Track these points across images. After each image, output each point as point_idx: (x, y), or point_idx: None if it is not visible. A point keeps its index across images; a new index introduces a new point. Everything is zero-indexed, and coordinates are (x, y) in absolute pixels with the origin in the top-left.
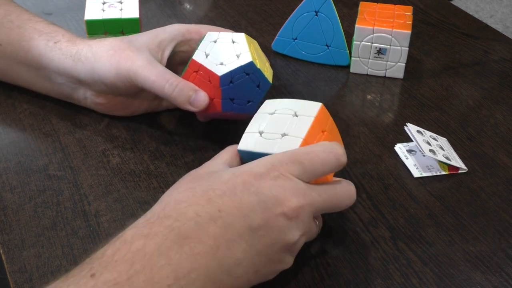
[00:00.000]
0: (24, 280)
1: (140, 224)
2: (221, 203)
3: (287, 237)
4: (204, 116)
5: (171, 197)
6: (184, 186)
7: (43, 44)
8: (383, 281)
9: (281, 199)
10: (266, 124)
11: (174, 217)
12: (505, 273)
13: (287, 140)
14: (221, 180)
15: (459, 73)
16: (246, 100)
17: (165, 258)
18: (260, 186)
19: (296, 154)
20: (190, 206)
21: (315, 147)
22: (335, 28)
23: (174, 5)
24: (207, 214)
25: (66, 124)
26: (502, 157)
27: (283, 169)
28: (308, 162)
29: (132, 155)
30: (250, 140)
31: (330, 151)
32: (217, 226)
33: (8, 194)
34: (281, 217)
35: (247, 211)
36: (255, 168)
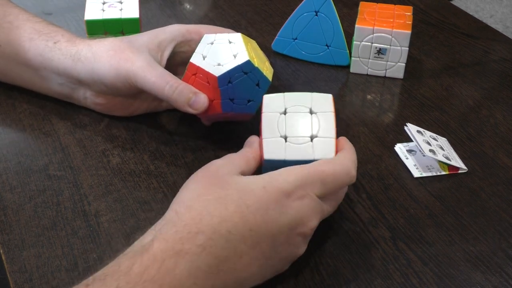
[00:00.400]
0: (24, 280)
1: (170, 237)
2: (253, 222)
3: (298, 252)
4: (207, 118)
5: (201, 205)
6: (210, 193)
7: (42, 44)
8: (383, 281)
9: (305, 221)
10: (285, 127)
11: (207, 235)
12: (505, 273)
13: (321, 143)
14: (252, 195)
15: (459, 73)
16: (246, 99)
17: (193, 278)
18: (289, 206)
19: (324, 175)
20: (223, 222)
21: (337, 167)
22: (335, 28)
23: (174, 5)
24: (239, 233)
25: (66, 124)
26: (502, 157)
27: (309, 188)
28: (331, 184)
29: (132, 155)
30: (276, 147)
31: (347, 173)
32: (246, 245)
33: (8, 194)
34: (300, 236)
35: (275, 231)
36: (285, 185)
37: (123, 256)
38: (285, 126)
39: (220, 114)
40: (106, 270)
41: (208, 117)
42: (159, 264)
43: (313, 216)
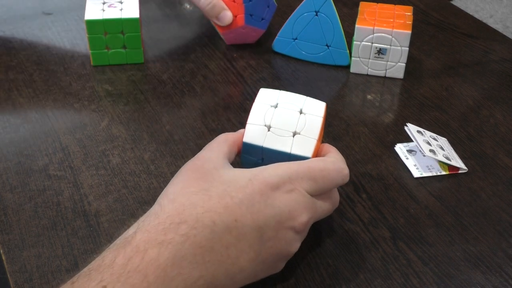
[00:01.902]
0: (24, 280)
1: (153, 228)
2: (238, 213)
3: (291, 248)
4: (229, 36)
5: (184, 197)
6: (194, 185)
7: None
8: (383, 281)
9: (294, 214)
10: (271, 118)
11: (190, 225)
12: (505, 273)
13: (301, 140)
14: (238, 186)
15: (459, 73)
16: (260, 17)
17: (178, 268)
18: (276, 199)
19: (312, 171)
20: (206, 212)
21: (328, 165)
22: (335, 28)
23: (174, 5)
24: (224, 223)
25: (66, 124)
26: (502, 157)
27: (298, 184)
28: (321, 181)
29: (132, 155)
30: (257, 133)
31: (339, 171)
32: (232, 236)
33: (8, 194)
34: (290, 231)
35: (261, 223)
36: (272, 178)
37: (107, 250)
38: (272, 117)
39: (240, 29)
40: (91, 265)
41: (230, 32)
42: (142, 254)
43: (303, 211)
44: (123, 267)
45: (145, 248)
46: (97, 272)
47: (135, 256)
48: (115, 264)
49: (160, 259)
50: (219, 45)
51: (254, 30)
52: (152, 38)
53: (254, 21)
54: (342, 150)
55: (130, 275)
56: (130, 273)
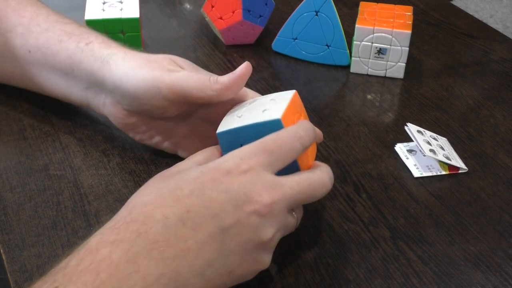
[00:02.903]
0: (24, 280)
1: (106, 230)
2: (189, 203)
3: (260, 235)
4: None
5: (138, 199)
6: (151, 187)
7: (73, 46)
8: (383, 281)
9: (251, 196)
10: (244, 109)
11: (141, 221)
12: (505, 273)
13: (268, 113)
14: (189, 178)
15: (459, 73)
16: (258, 14)
17: (133, 265)
18: (229, 183)
19: (264, 143)
20: (157, 208)
21: (281, 132)
22: (335, 28)
23: (174, 5)
24: (175, 215)
25: (66, 124)
26: (502, 157)
27: (252, 161)
28: (277, 150)
29: (132, 155)
30: (229, 121)
31: (294, 136)
32: (186, 228)
33: (8, 194)
34: (253, 215)
35: (217, 210)
36: (223, 163)
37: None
38: (244, 109)
39: (238, 26)
40: (48, 272)
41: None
42: (94, 254)
43: (262, 191)
44: (75, 267)
45: (97, 248)
46: (50, 275)
47: (87, 256)
48: (68, 265)
49: (112, 256)
50: (219, 45)
51: (252, 27)
52: (152, 38)
53: (251, 17)
54: (342, 150)
55: (82, 274)
56: (82, 272)
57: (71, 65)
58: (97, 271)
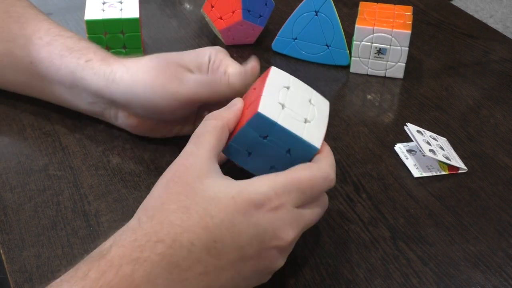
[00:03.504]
0: (24, 280)
1: (129, 244)
2: (217, 234)
3: (274, 265)
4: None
5: (163, 213)
6: (175, 200)
7: (74, 62)
8: (383, 281)
9: (278, 233)
10: (286, 98)
11: (167, 244)
12: (505, 273)
13: (312, 129)
14: (220, 205)
15: (459, 73)
16: (258, 14)
17: (152, 286)
18: (259, 218)
19: (299, 182)
20: (185, 232)
21: (314, 172)
22: (335, 28)
23: (174, 5)
24: (202, 243)
25: (66, 124)
26: (502, 157)
27: (284, 199)
28: (309, 191)
29: (132, 155)
30: (273, 107)
31: (326, 177)
32: (210, 256)
33: (8, 194)
34: (274, 249)
35: (243, 244)
36: (256, 195)
37: (81, 262)
38: (286, 97)
39: (237, 26)
40: (64, 276)
41: (228, 29)
42: (116, 270)
43: (289, 228)
44: (95, 281)
45: (120, 263)
46: (68, 283)
47: (109, 271)
48: (88, 277)
49: (134, 276)
50: (219, 45)
51: (252, 27)
52: (152, 38)
53: (251, 17)
54: (342, 150)
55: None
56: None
57: (74, 81)
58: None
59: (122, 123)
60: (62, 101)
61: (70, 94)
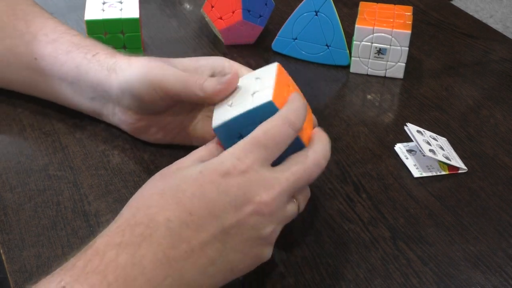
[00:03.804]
0: (24, 280)
1: (111, 232)
2: (191, 206)
3: (260, 232)
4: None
5: (141, 200)
6: (152, 188)
7: (80, 57)
8: (383, 281)
9: (250, 196)
10: (232, 98)
11: (145, 224)
12: (505, 273)
13: (258, 96)
14: (189, 180)
15: (459, 73)
16: (258, 14)
17: (139, 268)
18: (228, 185)
19: (256, 138)
20: (160, 211)
21: (269, 123)
22: (335, 28)
23: (174, 5)
24: (178, 218)
25: (66, 124)
26: (502, 157)
27: (248, 160)
28: (271, 142)
29: (132, 155)
30: (222, 112)
31: (284, 122)
32: (190, 230)
33: (8, 194)
34: (253, 215)
35: (218, 212)
36: (221, 165)
37: (72, 257)
38: (232, 97)
39: (237, 26)
40: (54, 271)
41: (228, 29)
42: (101, 256)
43: (261, 189)
44: (82, 269)
45: (104, 250)
46: (58, 274)
47: (94, 258)
48: (76, 266)
49: (119, 259)
50: (219, 45)
51: (252, 27)
52: (152, 38)
53: (251, 17)
54: (342, 150)
55: (89, 276)
56: (89, 274)
57: (77, 75)
58: (104, 274)
59: (119, 120)
60: (62, 99)
61: (71, 90)
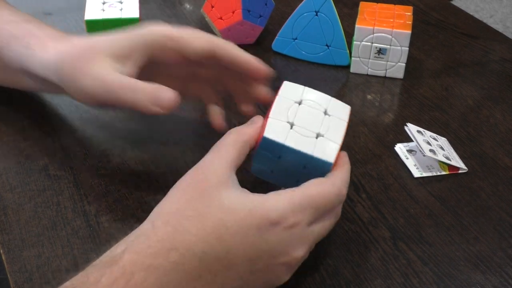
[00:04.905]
0: (24, 280)
1: (141, 250)
2: (231, 245)
3: (281, 279)
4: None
5: (178, 220)
6: (191, 208)
7: (18, 52)
8: (383, 281)
9: (288, 250)
10: (295, 115)
11: (181, 253)
12: (505, 273)
13: (324, 144)
14: (235, 217)
15: (459, 73)
16: (258, 14)
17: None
18: (273, 234)
19: (315, 201)
20: (198, 242)
21: (330, 188)
22: (335, 28)
23: (174, 5)
24: (214, 253)
25: (66, 124)
26: (502, 157)
27: (299, 217)
28: (322, 208)
29: (132, 155)
30: (280, 129)
31: (338, 194)
32: (221, 266)
33: (8, 194)
34: (283, 266)
35: (253, 256)
36: (273, 212)
37: (92, 267)
38: (295, 114)
39: (238, 26)
40: (75, 281)
41: (228, 29)
42: (128, 277)
43: (300, 246)
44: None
45: (132, 271)
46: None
47: (121, 278)
48: (100, 283)
49: (145, 284)
50: None
51: (252, 27)
52: None
53: (251, 17)
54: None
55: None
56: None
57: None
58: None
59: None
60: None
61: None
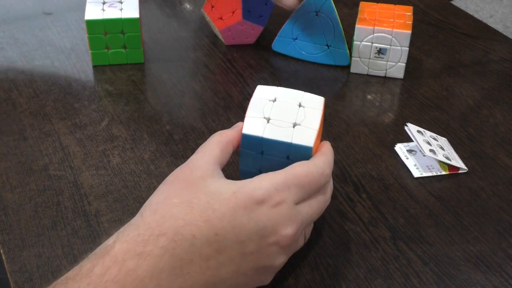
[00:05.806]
0: (24, 280)
1: (131, 239)
2: (219, 227)
3: (274, 262)
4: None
5: (166, 208)
6: (177, 195)
7: None
8: (383, 281)
9: (277, 229)
10: (270, 111)
11: (170, 237)
12: (505, 273)
13: (301, 131)
14: (222, 199)
15: (459, 73)
16: (258, 14)
17: (156, 280)
18: (260, 213)
19: (299, 179)
20: (187, 225)
21: (311, 168)
22: (335, 28)
23: (174, 5)
24: (204, 236)
25: (66, 124)
26: (502, 157)
27: (285, 194)
28: (307, 186)
29: (132, 155)
30: (257, 124)
31: (322, 173)
32: (212, 249)
33: (8, 194)
34: (274, 246)
35: (243, 238)
36: (258, 191)
37: (86, 259)
38: (271, 110)
39: (238, 26)
40: (68, 274)
41: (229, 29)
42: (120, 265)
43: (288, 224)
44: (100, 277)
45: (124, 258)
46: (73, 281)
47: (113, 266)
48: (93, 273)
49: (138, 270)
50: (219, 45)
51: (252, 27)
52: (152, 38)
53: (252, 17)
54: (342, 150)
55: (107, 285)
56: (107, 283)
57: None
58: (122, 284)
59: None
60: None
61: None
